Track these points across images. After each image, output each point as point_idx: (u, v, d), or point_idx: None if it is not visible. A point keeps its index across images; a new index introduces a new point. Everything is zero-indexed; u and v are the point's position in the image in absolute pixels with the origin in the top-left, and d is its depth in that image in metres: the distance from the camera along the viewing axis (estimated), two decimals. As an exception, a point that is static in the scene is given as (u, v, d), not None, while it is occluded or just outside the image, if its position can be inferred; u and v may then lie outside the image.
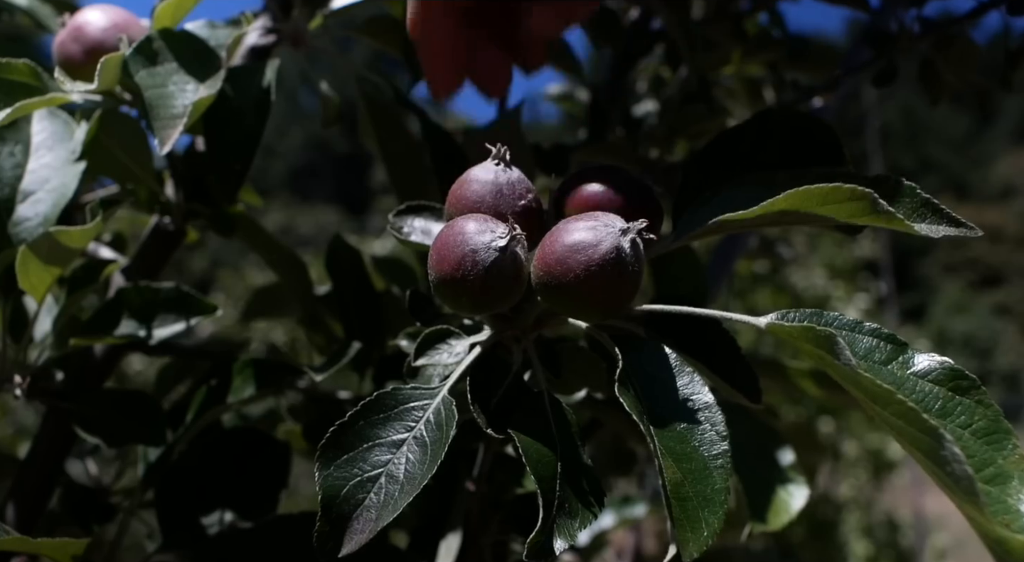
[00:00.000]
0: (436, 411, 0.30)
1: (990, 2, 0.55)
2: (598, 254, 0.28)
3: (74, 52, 0.49)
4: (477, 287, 0.29)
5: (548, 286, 0.29)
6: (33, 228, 0.44)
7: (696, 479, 0.27)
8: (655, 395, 0.29)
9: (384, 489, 0.28)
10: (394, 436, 0.29)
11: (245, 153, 0.47)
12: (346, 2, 0.53)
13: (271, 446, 0.54)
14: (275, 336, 2.28)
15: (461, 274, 0.29)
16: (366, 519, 0.27)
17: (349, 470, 0.28)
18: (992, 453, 0.27)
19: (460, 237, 0.29)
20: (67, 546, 0.38)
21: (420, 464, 0.28)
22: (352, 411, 0.29)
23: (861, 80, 0.69)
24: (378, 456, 0.29)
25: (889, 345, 0.29)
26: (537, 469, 0.28)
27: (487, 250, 0.29)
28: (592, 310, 0.30)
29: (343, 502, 0.28)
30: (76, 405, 0.47)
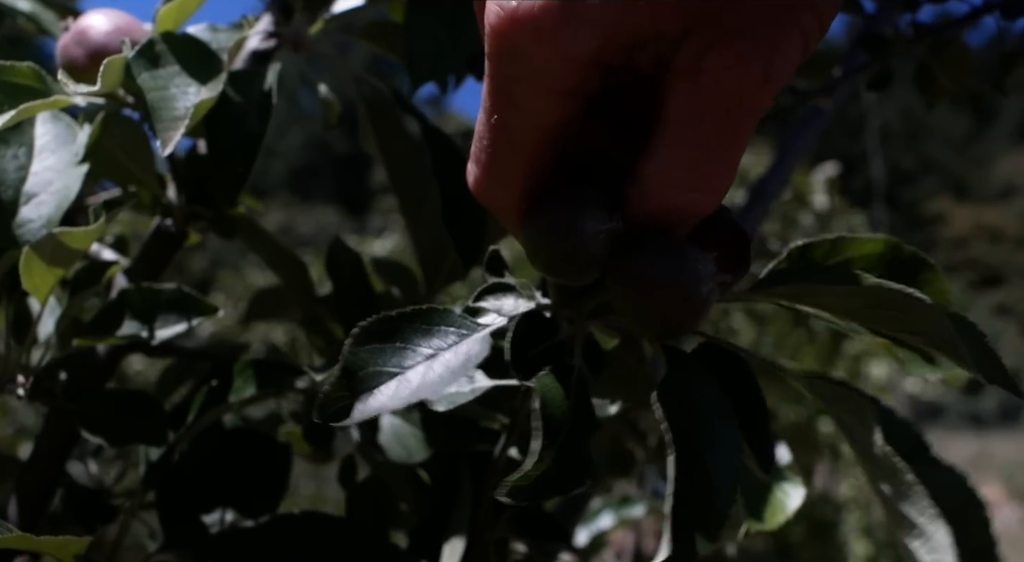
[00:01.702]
0: (472, 342, 0.31)
1: (985, 7, 0.56)
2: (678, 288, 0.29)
3: (77, 55, 0.49)
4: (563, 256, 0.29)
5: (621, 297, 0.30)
6: (36, 230, 0.45)
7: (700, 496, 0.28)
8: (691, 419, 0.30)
9: (397, 387, 0.29)
10: (425, 349, 0.30)
11: (247, 156, 0.47)
12: (347, 6, 0.54)
13: (272, 447, 0.54)
14: (275, 337, 2.29)
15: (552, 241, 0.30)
16: (371, 404, 0.29)
17: (375, 358, 0.29)
18: None
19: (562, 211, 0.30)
20: (69, 545, 0.38)
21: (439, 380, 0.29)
22: (400, 312, 0.30)
23: (858, 83, 0.69)
24: (404, 359, 0.30)
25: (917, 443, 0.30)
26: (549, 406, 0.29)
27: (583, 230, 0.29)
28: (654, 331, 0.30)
29: (359, 381, 0.29)
30: (79, 405, 0.48)
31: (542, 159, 0.31)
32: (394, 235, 3.90)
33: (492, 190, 0.32)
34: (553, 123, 0.30)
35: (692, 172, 0.29)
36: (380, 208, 4.82)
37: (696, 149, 0.28)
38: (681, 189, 0.29)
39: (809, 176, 2.58)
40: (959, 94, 0.59)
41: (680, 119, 0.28)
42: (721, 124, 0.28)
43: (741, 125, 0.28)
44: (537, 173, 0.31)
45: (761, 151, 2.46)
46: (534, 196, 0.31)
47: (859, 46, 0.63)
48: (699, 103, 0.28)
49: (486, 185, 0.32)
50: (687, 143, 0.28)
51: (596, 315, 0.34)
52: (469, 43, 0.50)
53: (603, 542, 1.06)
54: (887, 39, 0.59)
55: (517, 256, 2.62)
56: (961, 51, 0.57)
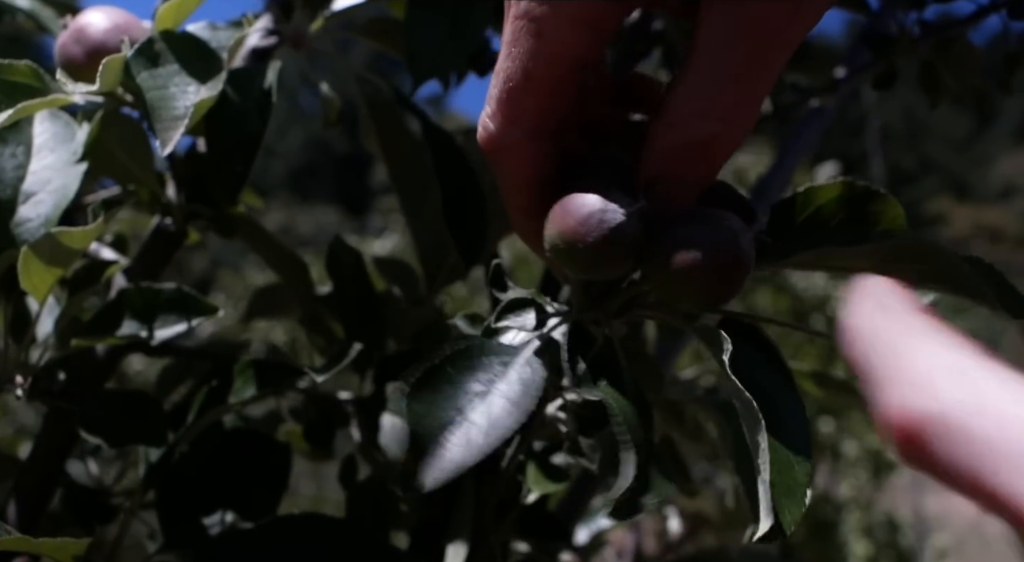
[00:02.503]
0: (522, 367, 0.30)
1: (990, 6, 0.56)
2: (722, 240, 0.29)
3: (76, 54, 0.49)
4: (596, 246, 0.29)
5: (667, 272, 0.29)
6: (35, 229, 0.45)
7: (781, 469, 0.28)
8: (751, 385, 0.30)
9: (466, 433, 0.28)
10: (477, 386, 0.30)
11: (246, 154, 0.47)
12: (347, 4, 0.54)
13: (272, 447, 0.54)
14: (275, 336, 2.29)
15: (585, 230, 0.29)
16: (447, 459, 0.28)
17: (431, 409, 0.29)
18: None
19: (590, 197, 0.30)
20: (68, 546, 0.38)
21: (505, 414, 0.29)
22: (443, 355, 0.30)
23: (861, 82, 0.69)
24: (460, 401, 0.29)
25: None
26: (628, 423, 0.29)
27: (616, 212, 0.29)
28: (702, 300, 0.30)
29: (427, 438, 0.28)
30: (78, 405, 0.48)
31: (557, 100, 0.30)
32: (394, 235, 3.90)
33: (504, 130, 0.31)
34: (574, 56, 0.30)
35: (719, 99, 0.29)
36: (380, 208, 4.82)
37: (724, 76, 0.28)
38: (707, 118, 0.29)
39: (810, 176, 2.58)
40: (963, 93, 0.59)
41: (710, 46, 0.28)
42: (751, 52, 0.28)
43: (771, 55, 0.28)
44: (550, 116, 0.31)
45: (762, 151, 2.46)
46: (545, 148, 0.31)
47: (863, 44, 0.63)
48: (730, 29, 0.28)
49: (500, 124, 0.31)
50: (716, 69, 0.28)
51: (622, 313, 0.34)
52: (471, 40, 0.50)
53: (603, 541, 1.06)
54: (891, 37, 0.58)
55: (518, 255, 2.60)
56: (966, 50, 0.57)
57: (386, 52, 0.57)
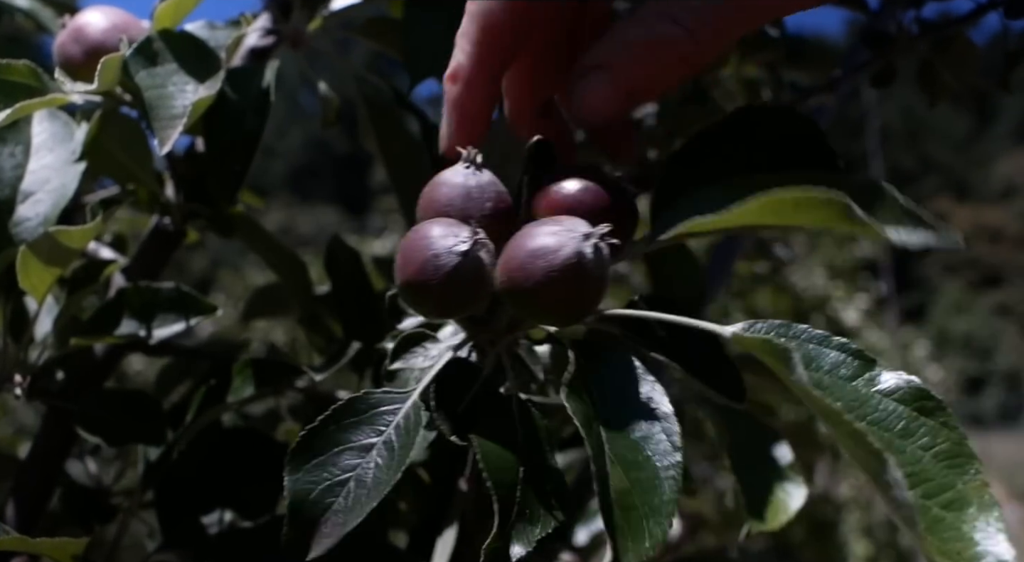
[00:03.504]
0: (405, 416, 0.30)
1: (989, 4, 0.56)
2: (559, 260, 0.28)
3: (74, 53, 0.49)
4: (439, 291, 0.29)
5: (511, 292, 0.29)
6: (33, 228, 0.45)
7: (645, 489, 0.27)
8: (612, 401, 0.29)
9: (352, 493, 0.28)
10: (364, 440, 0.29)
11: (245, 154, 0.47)
12: (345, 3, 0.54)
13: (271, 446, 0.54)
14: (275, 336, 2.28)
15: (424, 278, 0.29)
16: (334, 523, 0.27)
17: (319, 474, 0.28)
18: (952, 477, 0.26)
19: (424, 241, 0.29)
20: (67, 546, 0.38)
21: (387, 469, 0.29)
22: (323, 415, 0.29)
23: (861, 80, 0.69)
24: (348, 460, 0.29)
25: (856, 361, 0.29)
26: (496, 475, 0.28)
27: (449, 254, 0.29)
28: (554, 316, 0.30)
29: (312, 506, 0.28)
30: (77, 405, 0.48)
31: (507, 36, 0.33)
32: (394, 235, 3.90)
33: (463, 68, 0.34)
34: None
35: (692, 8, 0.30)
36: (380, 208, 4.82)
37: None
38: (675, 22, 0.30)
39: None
40: (962, 92, 0.59)
41: None
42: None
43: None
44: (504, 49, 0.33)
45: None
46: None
47: (862, 43, 0.63)
48: None
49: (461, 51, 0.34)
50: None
51: (513, 328, 0.33)
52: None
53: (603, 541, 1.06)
54: (890, 36, 0.58)
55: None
56: (965, 48, 0.57)
57: (385, 52, 0.57)
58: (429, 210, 0.32)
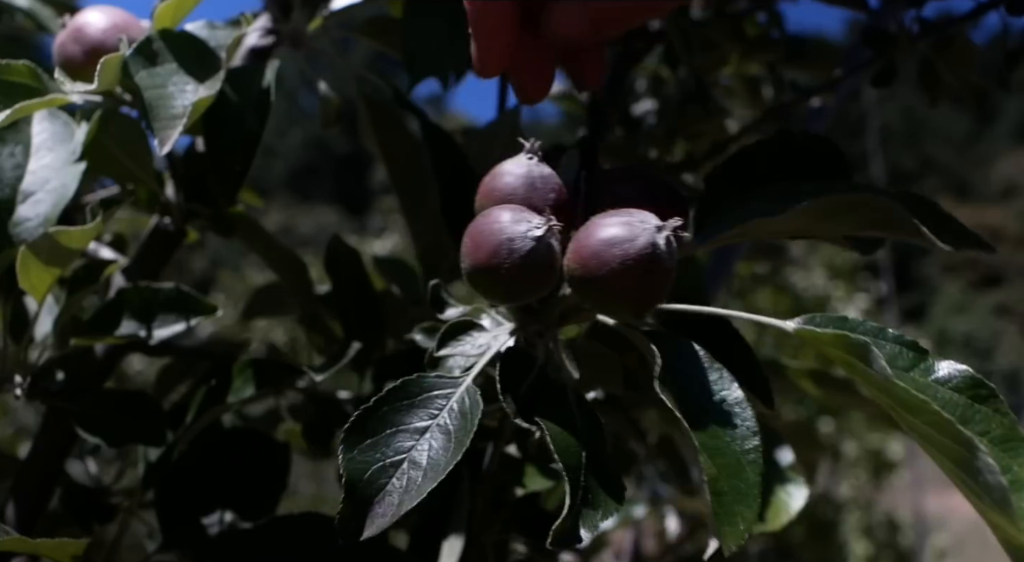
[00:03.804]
0: (460, 400, 0.30)
1: (989, 3, 0.55)
2: (634, 249, 0.28)
3: (74, 53, 0.49)
4: (512, 276, 0.29)
5: (582, 280, 0.29)
6: (33, 228, 0.44)
7: (730, 474, 0.28)
8: (690, 393, 0.29)
9: (407, 475, 0.28)
10: (417, 423, 0.29)
11: (245, 153, 0.47)
12: (346, 3, 0.54)
13: (271, 446, 0.54)
14: (275, 336, 2.28)
15: (497, 262, 0.29)
16: (388, 503, 0.28)
17: (372, 455, 0.28)
18: (1008, 461, 0.27)
19: (496, 226, 0.29)
20: (66, 546, 0.38)
21: (444, 451, 0.29)
22: (376, 397, 0.29)
23: (861, 80, 0.69)
24: (401, 442, 0.29)
25: (911, 352, 0.30)
26: (565, 456, 0.28)
27: (523, 239, 0.29)
28: (625, 306, 0.30)
29: (366, 485, 0.28)
30: (77, 405, 0.48)
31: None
32: (394, 235, 3.90)
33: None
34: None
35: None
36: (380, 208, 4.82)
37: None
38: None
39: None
40: (963, 91, 0.59)
41: None
42: None
43: None
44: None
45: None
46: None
47: (862, 42, 0.63)
48: None
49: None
50: None
51: (564, 319, 0.33)
52: (470, 39, 0.49)
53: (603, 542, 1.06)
54: (891, 35, 0.58)
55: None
56: (965, 47, 0.57)
57: (385, 51, 0.57)
58: (491, 198, 0.32)
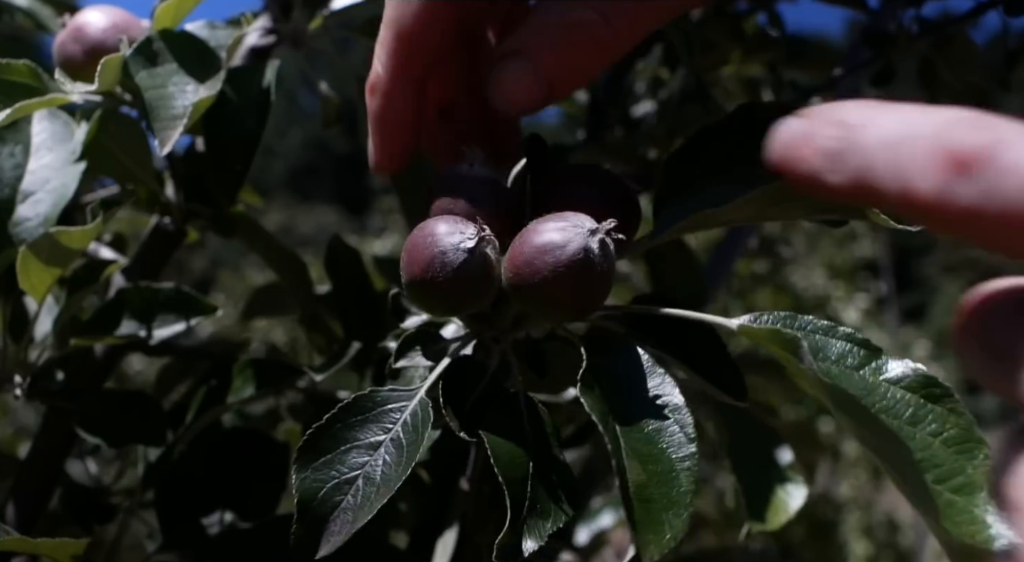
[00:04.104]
0: (413, 413, 0.30)
1: (988, 2, 0.55)
2: (565, 255, 0.28)
3: (74, 53, 0.49)
4: (446, 288, 0.29)
5: (518, 287, 0.29)
6: (33, 228, 0.44)
7: (662, 481, 0.27)
8: (623, 396, 0.29)
9: (361, 491, 0.28)
10: (371, 438, 0.29)
11: (245, 153, 0.47)
12: (346, 3, 0.54)
13: (271, 446, 0.54)
14: (275, 336, 2.28)
15: (431, 276, 0.29)
16: (343, 521, 0.28)
17: (327, 472, 0.28)
18: (962, 462, 0.27)
19: (430, 239, 0.29)
20: (66, 546, 0.38)
21: (396, 465, 0.29)
22: (329, 414, 0.29)
23: (861, 80, 0.69)
24: (355, 458, 0.29)
25: (862, 350, 0.29)
26: (507, 470, 0.28)
27: (455, 251, 0.29)
28: (561, 311, 0.30)
29: (320, 504, 0.28)
30: (77, 405, 0.48)
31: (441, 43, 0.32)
32: (394, 235, 3.90)
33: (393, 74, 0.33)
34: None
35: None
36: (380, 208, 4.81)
37: None
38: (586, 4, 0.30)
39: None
40: (962, 90, 0.59)
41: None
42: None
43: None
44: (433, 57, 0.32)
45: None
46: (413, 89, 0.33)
47: (862, 42, 0.63)
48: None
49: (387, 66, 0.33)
50: None
51: (517, 325, 0.33)
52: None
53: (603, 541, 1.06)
54: (891, 35, 0.58)
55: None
56: (965, 47, 0.57)
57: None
58: (435, 209, 0.32)
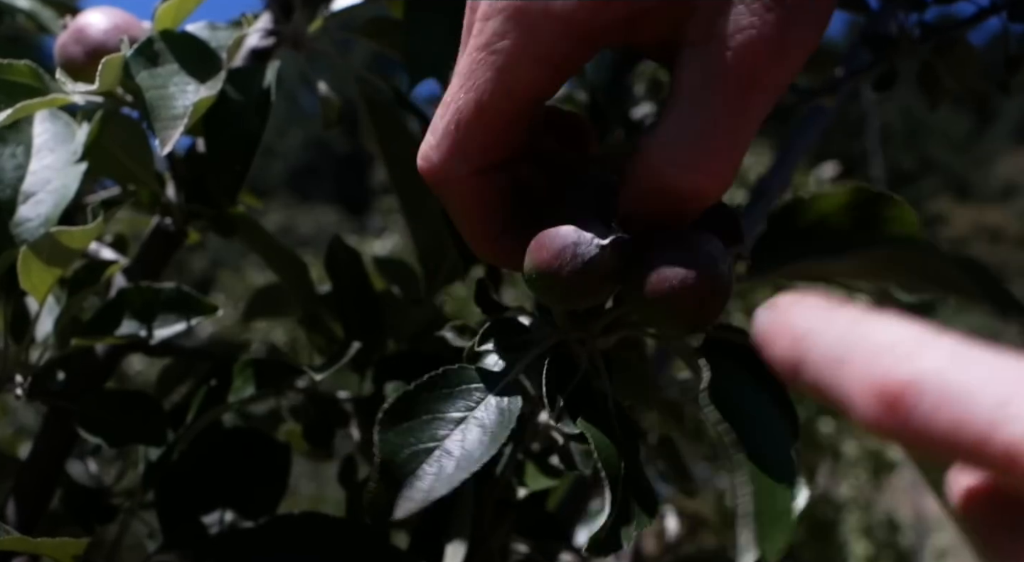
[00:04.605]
0: (499, 396, 0.30)
1: (990, 8, 0.56)
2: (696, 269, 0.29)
3: (75, 53, 0.49)
4: (571, 279, 0.29)
5: (647, 299, 0.29)
6: (35, 229, 0.45)
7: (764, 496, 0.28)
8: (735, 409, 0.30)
9: (439, 462, 0.28)
10: (454, 413, 0.29)
11: (245, 154, 0.47)
12: (346, 4, 0.54)
13: (271, 447, 0.54)
14: (275, 336, 2.28)
15: (559, 264, 0.29)
16: (418, 488, 0.28)
17: (407, 438, 0.29)
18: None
19: (565, 230, 0.30)
20: (67, 546, 0.38)
21: (479, 444, 0.29)
22: (418, 382, 0.30)
23: (861, 81, 0.69)
24: (437, 429, 0.29)
25: None
26: (607, 465, 0.29)
27: (590, 245, 0.29)
28: (680, 323, 0.30)
29: (398, 468, 0.28)
30: (78, 405, 0.48)
31: (509, 135, 0.30)
32: (394, 235, 3.90)
33: (448, 163, 0.30)
34: (533, 93, 0.29)
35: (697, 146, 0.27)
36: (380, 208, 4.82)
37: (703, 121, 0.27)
38: (685, 166, 0.27)
39: (809, 176, 2.58)
40: (963, 94, 0.59)
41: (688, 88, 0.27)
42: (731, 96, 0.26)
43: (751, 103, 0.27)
44: (500, 149, 0.30)
45: (762, 151, 2.46)
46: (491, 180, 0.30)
47: (863, 45, 0.63)
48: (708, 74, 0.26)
49: (444, 155, 0.30)
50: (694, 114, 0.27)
51: (609, 331, 0.34)
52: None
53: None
54: (892, 38, 0.58)
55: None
56: (966, 51, 0.57)
57: (385, 52, 0.57)
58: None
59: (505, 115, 0.29)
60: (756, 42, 0.26)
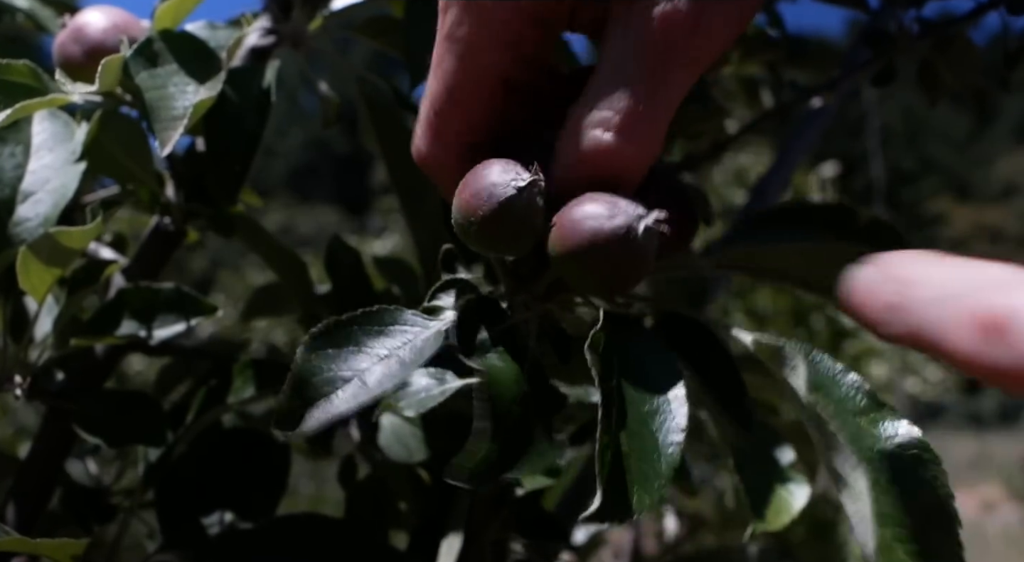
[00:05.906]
0: (425, 339, 0.31)
1: (989, 3, 0.56)
2: (609, 227, 0.28)
3: (75, 53, 0.49)
4: (487, 220, 0.29)
5: (558, 250, 0.30)
6: (34, 228, 0.44)
7: (641, 458, 0.28)
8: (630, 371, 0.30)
9: (351, 389, 0.29)
10: (380, 350, 0.30)
11: (245, 154, 0.47)
12: (346, 3, 0.54)
13: (271, 447, 0.54)
14: (275, 336, 2.28)
15: (476, 203, 0.29)
16: (326, 408, 0.28)
17: (328, 364, 0.29)
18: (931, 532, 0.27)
19: (487, 170, 0.30)
20: (66, 546, 0.38)
21: (392, 377, 0.29)
22: (351, 314, 0.30)
23: (861, 80, 0.69)
24: (359, 362, 0.29)
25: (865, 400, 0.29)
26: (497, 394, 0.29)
27: (505, 187, 0.29)
28: (592, 281, 0.30)
29: (314, 388, 0.29)
30: (77, 405, 0.48)
31: (483, 117, 0.31)
32: (394, 235, 3.90)
33: (433, 149, 0.32)
34: (497, 75, 0.30)
35: (618, 112, 0.29)
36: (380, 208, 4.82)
37: (622, 90, 0.28)
38: (606, 131, 0.29)
39: (809, 175, 2.58)
40: (963, 91, 0.59)
41: (611, 59, 0.29)
42: (651, 65, 0.28)
43: (671, 73, 0.28)
44: (478, 131, 0.32)
45: (761, 151, 2.46)
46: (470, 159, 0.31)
47: (862, 42, 0.63)
48: (628, 44, 0.28)
49: (427, 142, 0.32)
50: (614, 84, 0.28)
51: (551, 295, 0.34)
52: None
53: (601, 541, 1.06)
54: (891, 35, 0.58)
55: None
56: (965, 48, 0.57)
57: (386, 51, 0.57)
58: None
59: (474, 99, 0.31)
60: (672, 14, 0.27)
